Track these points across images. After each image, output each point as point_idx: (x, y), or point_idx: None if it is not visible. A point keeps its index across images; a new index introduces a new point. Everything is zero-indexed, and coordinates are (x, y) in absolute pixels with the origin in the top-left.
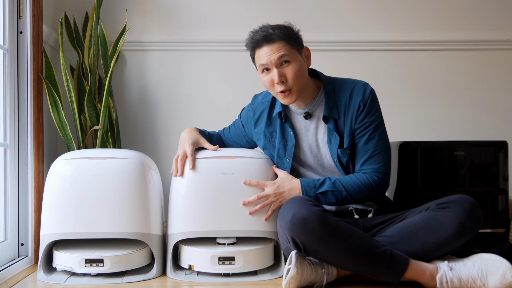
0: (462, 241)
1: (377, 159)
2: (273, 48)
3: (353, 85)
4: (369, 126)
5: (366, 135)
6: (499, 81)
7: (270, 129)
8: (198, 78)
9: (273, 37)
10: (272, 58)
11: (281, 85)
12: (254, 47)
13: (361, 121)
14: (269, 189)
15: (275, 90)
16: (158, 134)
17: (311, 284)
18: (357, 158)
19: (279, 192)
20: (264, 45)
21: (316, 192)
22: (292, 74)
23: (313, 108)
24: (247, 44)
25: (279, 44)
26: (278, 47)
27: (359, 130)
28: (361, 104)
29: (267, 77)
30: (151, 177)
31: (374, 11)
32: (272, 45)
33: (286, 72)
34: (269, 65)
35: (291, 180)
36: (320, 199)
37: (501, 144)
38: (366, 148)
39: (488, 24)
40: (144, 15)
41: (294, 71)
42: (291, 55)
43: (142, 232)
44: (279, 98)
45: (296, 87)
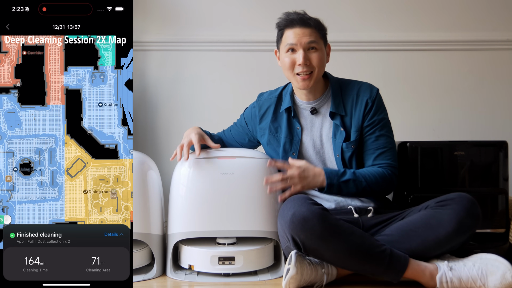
0: (462, 239)
1: (388, 154)
2: (305, 31)
3: (360, 85)
4: (378, 124)
5: (377, 132)
6: (499, 81)
7: (276, 124)
8: (198, 78)
9: (309, 22)
10: (303, 40)
11: (304, 67)
12: (286, 25)
13: (370, 119)
14: (295, 171)
15: (295, 71)
16: (158, 134)
17: (311, 284)
18: (368, 154)
19: (304, 176)
20: (298, 26)
21: (339, 181)
22: (318, 61)
23: (320, 104)
24: (279, 23)
25: (312, 30)
26: (310, 32)
27: (369, 127)
28: (369, 102)
29: (290, 57)
30: (151, 177)
31: (374, 11)
32: (306, 28)
33: (312, 57)
34: (297, 46)
35: (314, 167)
36: (342, 188)
37: (501, 144)
38: (377, 144)
39: (488, 24)
40: (144, 15)
41: (319, 58)
42: (319, 44)
43: (142, 232)
44: (296, 81)
45: (316, 73)
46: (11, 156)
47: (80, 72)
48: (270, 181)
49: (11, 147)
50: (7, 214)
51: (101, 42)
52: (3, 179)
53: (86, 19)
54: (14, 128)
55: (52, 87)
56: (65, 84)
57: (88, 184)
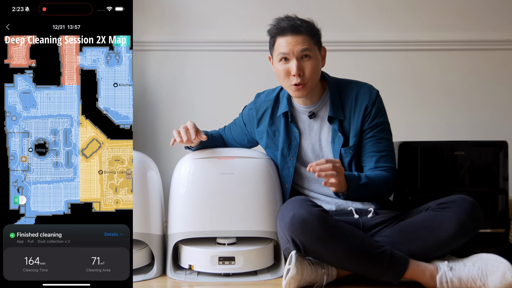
0: (462, 241)
1: (388, 158)
2: (298, 39)
3: (359, 86)
4: (378, 127)
5: (377, 135)
6: (499, 81)
7: (273, 128)
8: (198, 78)
9: (300, 29)
10: (296, 49)
11: (298, 78)
12: (277, 34)
13: (370, 123)
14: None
15: (289, 81)
16: (158, 134)
17: (311, 284)
18: (368, 157)
19: (341, 168)
20: (289, 34)
21: (358, 184)
22: (311, 70)
23: (318, 108)
24: (270, 30)
25: (305, 37)
26: (303, 40)
27: (369, 130)
28: (368, 105)
29: (283, 66)
30: (151, 177)
31: (374, 11)
32: (298, 36)
33: (305, 66)
34: (290, 55)
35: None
36: (362, 191)
37: (501, 144)
38: (378, 147)
39: (488, 24)
40: (144, 15)
41: (312, 67)
42: (313, 51)
43: (142, 232)
44: (290, 91)
45: (310, 83)
46: (26, 137)
47: (95, 52)
48: (315, 165)
49: (26, 128)
50: (22, 195)
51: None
52: (18, 159)
53: (86, 19)
54: (29, 109)
55: (67, 67)
56: (80, 65)
57: (103, 165)
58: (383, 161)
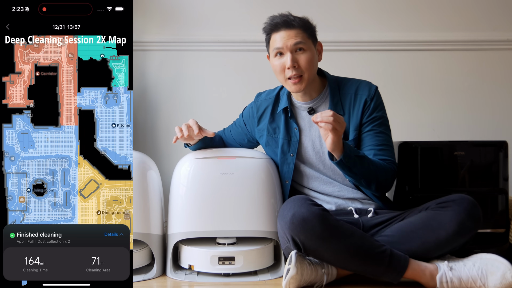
0: (462, 241)
1: (387, 152)
2: (290, 33)
3: (358, 83)
4: (377, 121)
5: (375, 129)
6: (499, 81)
7: (274, 125)
8: (198, 78)
9: (293, 23)
10: (289, 43)
11: (293, 70)
12: (271, 30)
13: (368, 116)
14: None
15: (285, 75)
16: (158, 134)
17: (311, 284)
18: (366, 151)
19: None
20: (282, 30)
21: (355, 154)
22: (305, 62)
23: (317, 104)
24: (265, 27)
25: (297, 31)
26: (295, 33)
27: (367, 124)
28: (367, 100)
29: (279, 61)
30: (151, 177)
31: (374, 11)
32: (291, 30)
33: (299, 58)
34: (284, 50)
35: (324, 162)
36: (357, 163)
37: (501, 144)
38: (376, 141)
39: (488, 24)
40: (144, 15)
41: (307, 59)
42: (307, 44)
43: (142, 232)
44: (287, 85)
45: (307, 75)
46: (25, 177)
47: (93, 93)
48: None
49: (25, 168)
50: None
51: (114, 63)
52: (16, 200)
53: (86, 19)
54: (27, 149)
55: (65, 108)
56: (78, 105)
57: (102, 205)
58: (382, 154)
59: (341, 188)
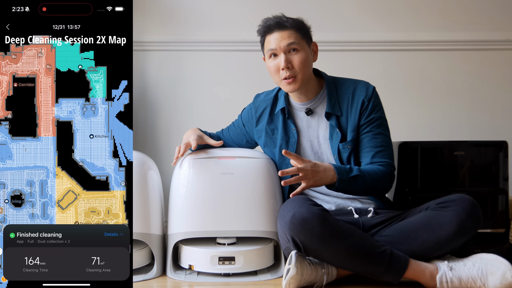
0: (462, 241)
1: (385, 153)
2: (283, 34)
3: (356, 83)
4: (375, 122)
5: (373, 130)
6: (499, 81)
7: (272, 126)
8: (198, 78)
9: (286, 24)
10: (282, 44)
11: (287, 71)
12: (265, 32)
13: (366, 117)
14: (307, 165)
15: (280, 76)
16: (158, 134)
17: (311, 284)
18: (365, 152)
19: (315, 170)
20: (275, 31)
21: (348, 176)
22: (299, 62)
23: (315, 105)
24: (259, 30)
25: (290, 31)
26: (288, 34)
27: (365, 125)
28: (365, 101)
29: (273, 62)
30: (151, 177)
31: (374, 11)
32: (283, 31)
33: (293, 59)
34: (277, 51)
35: (323, 162)
36: (352, 183)
37: (501, 144)
38: (374, 143)
39: (488, 24)
40: (144, 15)
41: (301, 59)
42: (300, 44)
43: (142, 232)
44: (282, 86)
45: (301, 75)
46: (2, 188)
47: (71, 104)
48: (285, 173)
49: (2, 179)
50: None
51: (92, 74)
52: None
53: (86, 19)
54: (5, 160)
55: (43, 119)
56: (56, 116)
57: (79, 216)
58: (380, 156)
59: None
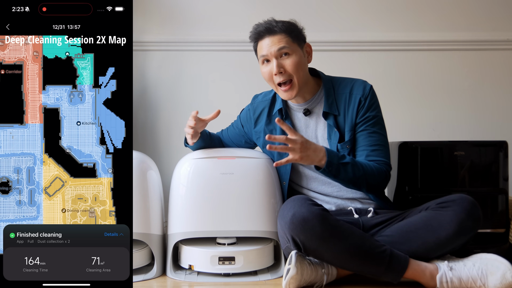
0: (462, 241)
1: (380, 152)
2: (274, 39)
3: (353, 82)
4: (370, 121)
5: (368, 129)
6: (499, 81)
7: (270, 127)
8: (198, 78)
9: (275, 29)
10: (272, 49)
11: (280, 76)
12: (257, 39)
13: (362, 116)
14: (298, 138)
15: (274, 82)
16: (158, 134)
17: (311, 284)
18: (360, 150)
19: (306, 146)
20: (266, 37)
21: (339, 162)
22: (291, 66)
23: (312, 105)
24: (251, 36)
25: (280, 36)
26: (279, 39)
27: (361, 123)
28: (361, 99)
29: (266, 68)
30: (151, 177)
31: (374, 11)
32: (274, 36)
33: (285, 63)
34: (269, 56)
35: (315, 143)
36: (341, 170)
37: (501, 144)
38: (370, 141)
39: (488, 24)
40: (144, 15)
41: (293, 63)
42: (291, 48)
43: (142, 232)
44: (280, 93)
45: (296, 79)
46: None
47: (58, 91)
48: (272, 138)
49: None
50: None
51: (79, 61)
52: None
53: (86, 19)
54: None
55: (30, 106)
56: (43, 103)
57: (67, 203)
58: (375, 154)
59: (340, 188)
